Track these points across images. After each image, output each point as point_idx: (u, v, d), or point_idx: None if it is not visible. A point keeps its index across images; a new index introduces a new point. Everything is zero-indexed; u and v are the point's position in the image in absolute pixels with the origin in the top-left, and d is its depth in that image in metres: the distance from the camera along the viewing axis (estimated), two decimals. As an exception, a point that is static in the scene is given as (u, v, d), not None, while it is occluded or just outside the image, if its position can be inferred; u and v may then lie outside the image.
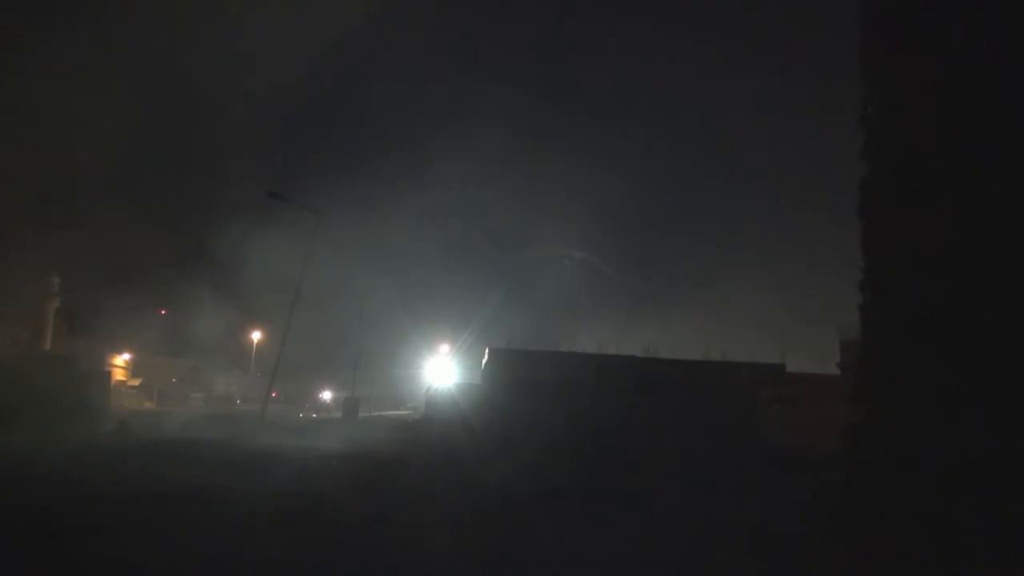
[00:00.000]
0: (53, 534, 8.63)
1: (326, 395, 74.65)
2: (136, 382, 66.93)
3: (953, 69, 5.98)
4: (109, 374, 39.96)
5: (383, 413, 49.27)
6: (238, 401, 69.78)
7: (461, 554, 8.57)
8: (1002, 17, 5.70)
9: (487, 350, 30.02)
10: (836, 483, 7.07)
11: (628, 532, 10.31)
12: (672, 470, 16.95)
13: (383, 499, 12.58)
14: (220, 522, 9.82)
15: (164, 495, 11.79)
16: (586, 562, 8.29)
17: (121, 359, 68.98)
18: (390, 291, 60.33)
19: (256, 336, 71.67)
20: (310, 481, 14.65)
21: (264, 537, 8.99)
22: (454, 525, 10.36)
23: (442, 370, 46.23)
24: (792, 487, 14.66)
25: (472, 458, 17.49)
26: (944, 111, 6.11)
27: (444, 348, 52.13)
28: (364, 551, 8.45)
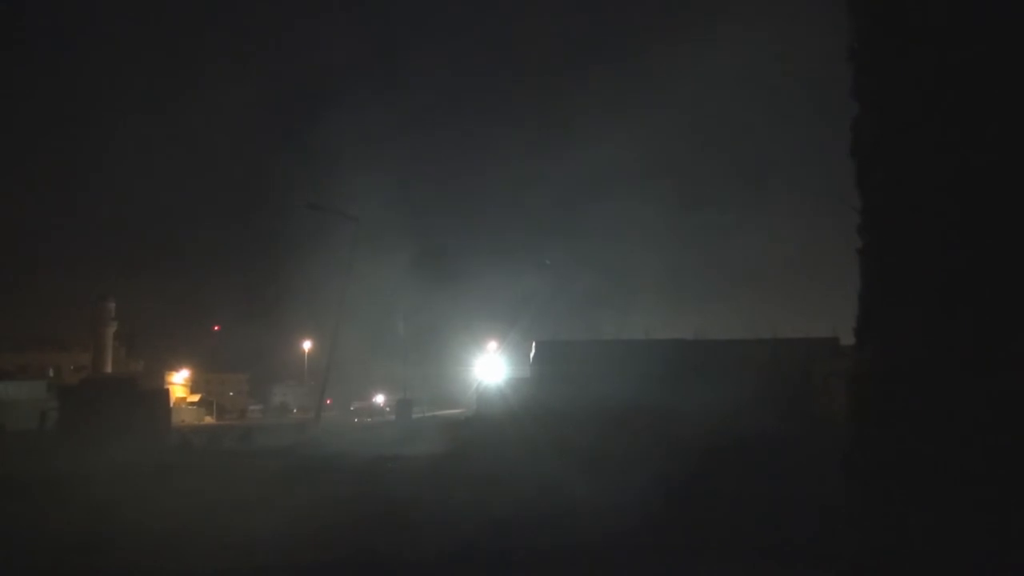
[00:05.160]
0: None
1: (379, 398, 75.57)
2: (195, 398, 68.71)
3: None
4: (167, 392, 41.05)
5: (436, 413, 49.68)
6: (294, 410, 71.07)
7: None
8: None
9: (533, 343, 29.98)
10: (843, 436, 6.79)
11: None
12: (730, 454, 16.68)
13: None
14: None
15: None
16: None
17: (181, 376, 70.92)
18: (436, 291, 60.85)
19: (307, 346, 72.89)
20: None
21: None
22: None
23: (491, 367, 46.41)
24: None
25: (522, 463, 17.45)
26: (939, 41, 5.88)
27: (492, 345, 52.50)
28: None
